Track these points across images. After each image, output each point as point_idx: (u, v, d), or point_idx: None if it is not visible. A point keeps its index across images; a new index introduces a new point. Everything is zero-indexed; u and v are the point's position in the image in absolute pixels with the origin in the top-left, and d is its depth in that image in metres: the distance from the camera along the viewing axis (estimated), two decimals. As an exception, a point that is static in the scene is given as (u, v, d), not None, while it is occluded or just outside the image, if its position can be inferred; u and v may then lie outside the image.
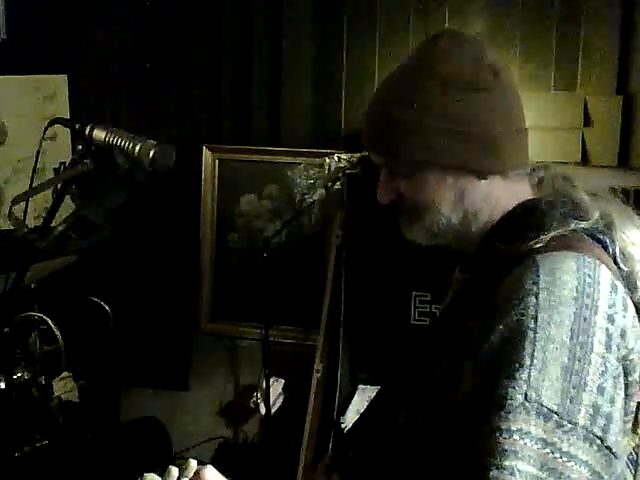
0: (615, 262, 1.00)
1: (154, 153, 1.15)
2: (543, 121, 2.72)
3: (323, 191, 2.60)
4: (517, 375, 0.87)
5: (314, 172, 2.92)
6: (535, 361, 0.87)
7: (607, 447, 0.88)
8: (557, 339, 0.88)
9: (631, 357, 0.93)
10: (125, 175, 1.19)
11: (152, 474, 0.94)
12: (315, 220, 2.95)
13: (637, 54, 2.64)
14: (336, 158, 2.67)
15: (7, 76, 3.12)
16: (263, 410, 2.83)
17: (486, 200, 1.07)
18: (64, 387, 2.66)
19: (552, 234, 0.97)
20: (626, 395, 0.93)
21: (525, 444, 0.85)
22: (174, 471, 0.95)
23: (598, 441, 0.87)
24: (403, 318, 2.60)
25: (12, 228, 1.27)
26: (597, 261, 0.94)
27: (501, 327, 0.90)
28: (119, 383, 3.00)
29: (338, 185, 2.61)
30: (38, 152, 1.34)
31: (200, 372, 3.20)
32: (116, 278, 3.14)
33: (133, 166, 1.18)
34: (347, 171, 2.65)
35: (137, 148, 1.16)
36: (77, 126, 1.25)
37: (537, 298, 0.90)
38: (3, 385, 2.25)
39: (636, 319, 0.97)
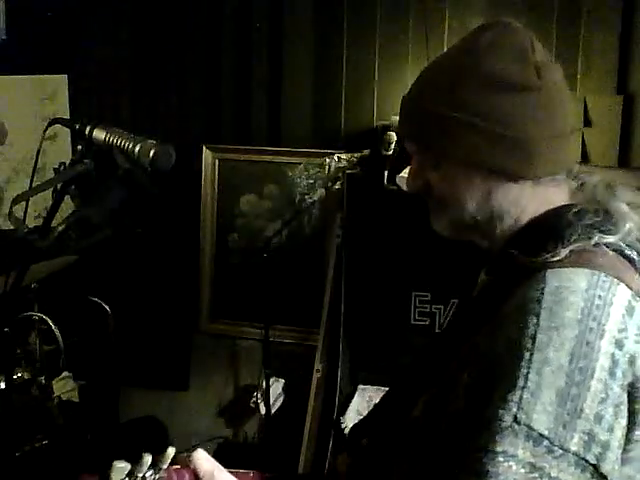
0: None
1: (154, 153, 1.15)
2: (543, 121, 2.72)
3: (323, 191, 2.61)
4: (509, 396, 0.84)
5: (314, 172, 2.92)
6: (529, 383, 0.84)
7: (602, 475, 0.85)
8: (554, 362, 0.85)
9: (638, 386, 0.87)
10: (125, 175, 1.19)
11: (121, 461, 0.97)
12: (315, 220, 2.95)
13: (637, 54, 2.64)
14: (336, 158, 2.68)
15: (7, 76, 3.12)
16: (263, 410, 2.83)
17: (515, 203, 1.02)
18: (64, 387, 2.66)
19: (571, 247, 0.93)
20: (631, 423, 0.88)
21: (510, 467, 0.83)
22: (147, 458, 0.97)
23: (591, 468, 0.84)
24: (403, 318, 2.60)
25: (12, 228, 1.27)
26: (615, 280, 0.90)
27: (499, 344, 0.88)
28: (119, 383, 3.00)
29: (338, 185, 2.62)
30: (38, 152, 1.34)
31: (200, 372, 3.20)
32: (116, 278, 3.15)
33: (133, 166, 1.18)
34: (347, 171, 2.65)
35: (137, 148, 1.16)
36: (77, 126, 1.25)
37: (538, 318, 0.87)
38: (3, 385, 2.25)
39: None
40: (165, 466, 0.99)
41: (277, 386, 2.93)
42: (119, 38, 3.17)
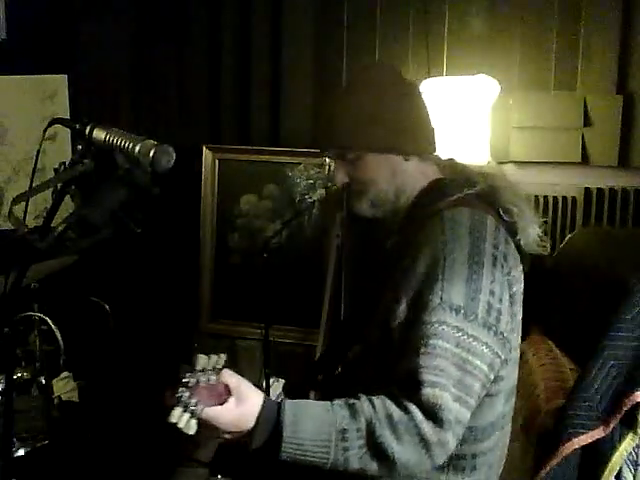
0: (500, 215, 1.41)
1: (154, 153, 1.15)
2: (543, 121, 2.72)
3: (323, 191, 2.60)
4: (434, 287, 1.30)
5: (314, 172, 2.92)
6: (446, 275, 1.30)
7: (500, 332, 1.33)
8: (459, 260, 1.31)
9: (513, 274, 1.37)
10: (125, 175, 1.19)
11: (202, 355, 1.30)
12: (315, 220, 2.95)
13: (637, 54, 2.65)
14: (336, 158, 2.67)
15: (7, 76, 3.12)
16: (263, 410, 2.83)
17: (411, 177, 1.48)
18: (64, 387, 2.66)
19: (451, 198, 1.41)
20: (512, 301, 1.37)
21: (443, 329, 1.28)
22: (215, 357, 1.32)
23: (494, 328, 1.31)
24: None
25: (12, 228, 1.27)
26: (484, 212, 1.38)
27: (422, 261, 1.33)
28: (119, 383, 3.00)
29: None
30: (38, 152, 1.34)
31: (200, 372, 3.19)
32: (116, 278, 3.14)
33: (133, 166, 1.18)
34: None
35: (137, 148, 1.16)
36: (77, 126, 1.25)
37: (444, 235, 1.33)
38: (3, 385, 2.25)
39: (516, 251, 1.41)
40: (220, 367, 1.32)
41: (277, 386, 2.93)
42: (119, 38, 3.17)
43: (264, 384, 2.79)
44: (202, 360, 1.27)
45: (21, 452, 2.21)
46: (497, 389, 1.40)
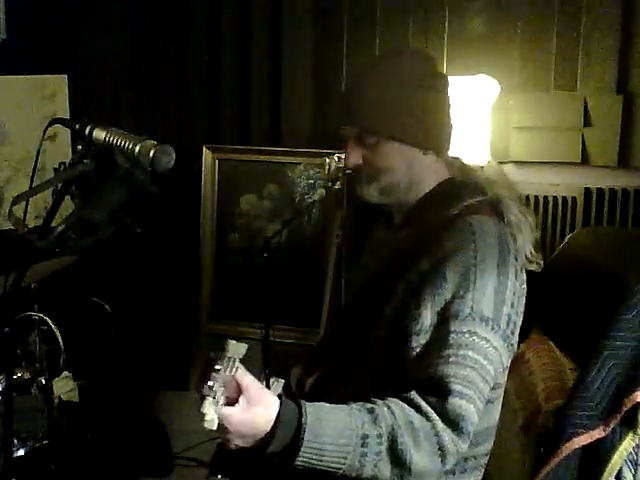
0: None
1: (154, 153, 1.15)
2: (543, 121, 2.72)
3: (323, 191, 2.60)
4: (466, 296, 1.28)
5: (314, 172, 2.92)
6: (477, 285, 1.29)
7: (511, 344, 1.36)
8: (489, 270, 1.30)
9: (524, 286, 1.39)
10: (125, 175, 1.19)
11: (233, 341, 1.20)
12: (315, 220, 2.95)
13: (637, 54, 2.65)
14: (336, 158, 2.67)
15: (7, 76, 3.12)
16: (263, 410, 2.83)
17: (425, 172, 1.45)
18: (64, 387, 2.66)
19: (465, 203, 1.40)
20: (522, 314, 1.38)
21: (474, 340, 1.27)
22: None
23: (508, 340, 1.33)
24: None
25: (12, 228, 1.27)
26: (503, 223, 1.38)
27: (453, 268, 1.30)
28: (119, 383, 3.00)
29: (338, 185, 2.61)
30: (38, 152, 1.34)
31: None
32: (116, 278, 3.14)
33: (133, 166, 1.17)
34: (347, 171, 2.64)
35: (137, 148, 1.16)
36: (77, 126, 1.25)
37: (475, 244, 1.31)
38: (3, 385, 2.25)
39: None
40: (241, 357, 1.21)
41: (277, 386, 2.92)
42: (119, 38, 3.17)
43: (264, 384, 2.79)
44: (232, 347, 1.18)
45: (21, 452, 2.21)
46: (496, 396, 1.41)
